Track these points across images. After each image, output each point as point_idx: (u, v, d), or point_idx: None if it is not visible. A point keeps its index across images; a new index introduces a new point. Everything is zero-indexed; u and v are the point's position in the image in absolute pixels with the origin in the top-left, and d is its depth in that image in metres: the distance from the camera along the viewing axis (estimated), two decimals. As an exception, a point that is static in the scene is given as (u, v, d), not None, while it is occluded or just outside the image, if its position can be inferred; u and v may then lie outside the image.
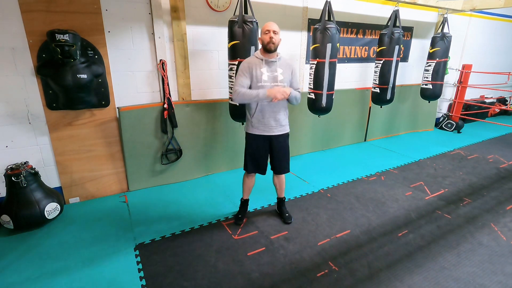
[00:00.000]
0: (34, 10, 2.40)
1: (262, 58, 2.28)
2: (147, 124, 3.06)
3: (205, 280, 1.98)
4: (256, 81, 2.27)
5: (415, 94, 5.01)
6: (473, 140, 5.09)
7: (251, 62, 2.29)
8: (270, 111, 2.32)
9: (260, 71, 2.26)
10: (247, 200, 2.72)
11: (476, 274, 2.05)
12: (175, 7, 2.96)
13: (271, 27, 2.22)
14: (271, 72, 2.28)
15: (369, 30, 4.44)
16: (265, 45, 2.24)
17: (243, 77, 2.27)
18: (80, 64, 2.51)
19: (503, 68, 6.63)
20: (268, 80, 2.27)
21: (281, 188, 2.67)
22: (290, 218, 2.65)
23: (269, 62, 2.28)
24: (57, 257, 2.20)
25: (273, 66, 2.29)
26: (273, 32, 2.21)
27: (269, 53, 2.27)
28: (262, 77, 2.26)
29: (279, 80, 2.29)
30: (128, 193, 3.14)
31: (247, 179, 2.62)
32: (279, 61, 2.31)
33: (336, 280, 1.99)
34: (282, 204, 2.73)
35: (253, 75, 2.27)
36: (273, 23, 2.25)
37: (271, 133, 2.38)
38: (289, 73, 2.35)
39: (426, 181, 3.49)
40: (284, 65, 2.33)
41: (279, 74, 2.29)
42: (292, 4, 3.69)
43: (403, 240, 2.41)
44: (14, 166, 2.48)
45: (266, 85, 2.26)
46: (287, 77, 2.33)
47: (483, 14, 5.75)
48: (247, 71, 2.27)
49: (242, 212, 2.68)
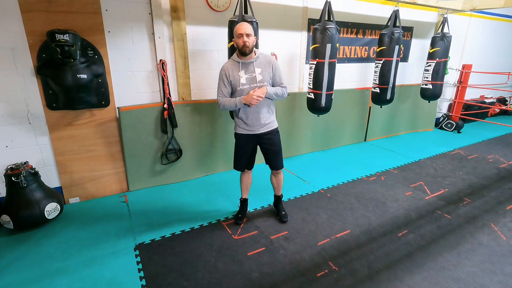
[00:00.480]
0: (34, 10, 2.41)
1: (239, 61, 2.28)
2: (147, 124, 3.06)
3: (205, 280, 1.98)
4: (235, 86, 2.28)
5: (415, 94, 5.01)
6: (473, 140, 5.09)
7: (228, 68, 2.29)
8: (253, 111, 2.33)
9: (238, 75, 2.26)
10: (246, 199, 2.72)
11: (476, 274, 2.05)
12: (175, 7, 2.96)
13: (244, 30, 2.16)
14: (249, 73, 2.27)
15: (369, 30, 4.44)
16: (240, 49, 2.23)
17: (222, 85, 2.31)
18: (80, 64, 2.51)
19: (503, 68, 6.63)
20: (247, 83, 2.27)
21: (278, 186, 2.68)
22: (286, 217, 2.66)
23: (246, 64, 2.27)
24: (57, 257, 2.20)
25: (250, 67, 2.27)
26: (246, 36, 2.17)
27: (245, 56, 2.26)
28: (240, 80, 2.26)
29: (258, 80, 2.27)
30: (128, 193, 3.14)
31: (243, 176, 2.64)
32: (257, 61, 2.29)
33: (336, 280, 1.99)
34: (279, 202, 2.74)
35: (231, 80, 2.28)
36: (245, 25, 2.19)
37: (256, 132, 2.40)
38: (269, 71, 2.32)
39: (426, 181, 3.49)
40: (263, 64, 2.30)
41: (257, 75, 2.28)
42: (292, 4, 3.69)
43: (403, 240, 2.41)
44: (14, 166, 2.48)
45: (246, 88, 2.27)
46: (266, 76, 2.30)
47: (483, 14, 5.75)
48: (225, 77, 2.29)
49: (242, 212, 2.68)
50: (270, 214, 2.76)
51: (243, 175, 2.63)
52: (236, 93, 2.30)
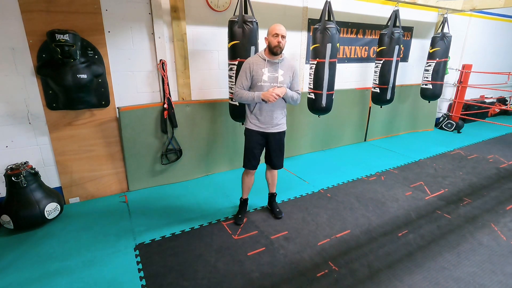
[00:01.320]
0: (34, 10, 2.40)
1: (265, 58, 2.32)
2: (147, 124, 3.06)
3: (205, 280, 1.98)
4: (256, 81, 2.33)
5: (415, 94, 5.01)
6: (473, 140, 5.09)
7: (253, 62, 2.34)
8: (268, 109, 2.38)
9: (261, 71, 2.31)
10: (246, 199, 2.73)
11: (476, 274, 2.05)
12: (175, 7, 2.96)
13: (281, 31, 2.25)
14: (272, 72, 2.33)
15: (369, 30, 4.44)
16: (271, 48, 2.28)
17: (243, 78, 2.35)
18: (80, 64, 2.51)
19: (503, 68, 6.63)
20: (268, 81, 2.32)
21: (273, 183, 2.73)
22: (280, 213, 2.71)
23: (272, 62, 2.33)
24: (57, 257, 2.19)
25: (275, 67, 2.33)
26: (281, 37, 2.24)
27: (274, 55, 2.31)
28: (262, 77, 2.31)
29: (279, 81, 2.33)
30: (128, 193, 3.14)
31: (246, 177, 2.64)
32: (282, 62, 2.35)
33: (336, 280, 1.99)
34: (273, 200, 2.79)
35: (253, 74, 2.33)
36: (282, 27, 2.27)
37: (267, 130, 2.45)
38: (290, 75, 2.40)
39: (426, 181, 3.49)
40: (286, 67, 2.37)
41: (280, 76, 2.34)
42: (292, 4, 3.69)
43: (403, 240, 2.41)
44: (14, 166, 2.48)
45: (266, 85, 2.32)
46: (287, 79, 2.38)
47: (483, 14, 5.75)
48: (248, 71, 2.33)
49: (242, 212, 2.69)
50: (270, 214, 2.76)
51: (245, 175, 2.64)
52: (256, 88, 2.35)
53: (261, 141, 2.50)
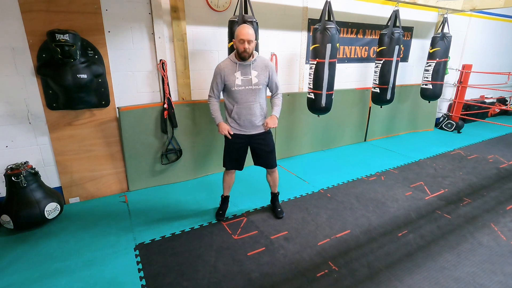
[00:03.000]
0: (34, 10, 2.40)
1: (236, 62, 2.29)
2: (147, 124, 3.06)
3: (205, 280, 1.98)
4: (230, 86, 2.30)
5: (415, 94, 5.01)
6: (473, 140, 5.09)
7: (224, 67, 2.31)
8: (246, 113, 2.36)
9: (233, 76, 2.28)
10: (227, 197, 2.76)
11: (476, 274, 2.05)
12: (175, 7, 2.96)
13: (246, 36, 2.17)
14: (245, 75, 2.29)
15: (369, 30, 4.44)
16: (239, 54, 2.25)
17: (214, 84, 2.37)
18: (80, 64, 2.51)
19: (503, 68, 6.63)
20: (242, 84, 2.29)
21: (274, 184, 2.72)
22: (281, 213, 2.71)
23: (243, 65, 2.29)
24: (57, 257, 2.19)
25: (247, 69, 2.29)
26: (247, 42, 2.18)
27: (243, 60, 2.28)
28: (235, 81, 2.28)
29: (254, 83, 2.31)
30: (128, 193, 3.14)
31: (227, 176, 2.67)
32: (254, 63, 2.31)
33: (336, 280, 1.99)
34: (275, 199, 2.79)
35: (225, 80, 2.30)
36: (248, 30, 2.18)
37: (248, 133, 2.44)
38: (266, 74, 2.36)
39: (426, 181, 3.49)
40: (260, 67, 2.33)
41: (253, 77, 2.30)
42: (292, 4, 3.69)
43: (403, 240, 2.41)
44: (14, 166, 2.48)
45: (241, 89, 2.30)
46: (262, 79, 2.34)
47: (483, 14, 5.75)
48: (219, 76, 2.32)
49: (223, 208, 2.73)
50: (270, 214, 2.76)
51: (226, 174, 2.66)
52: (231, 93, 2.33)
53: (242, 143, 2.48)
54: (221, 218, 2.66)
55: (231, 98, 2.36)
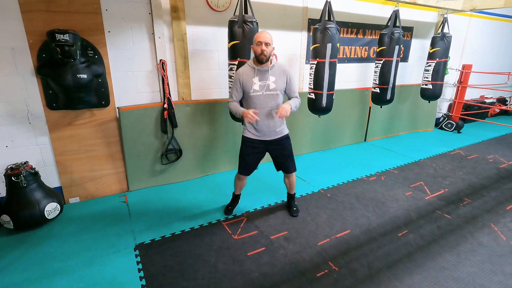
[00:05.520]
0: (34, 10, 2.40)
1: (254, 67, 2.31)
2: (147, 124, 3.06)
3: (205, 280, 1.98)
4: (247, 91, 2.32)
5: (415, 94, 5.01)
6: (473, 140, 5.09)
7: (243, 73, 2.33)
8: (264, 118, 2.36)
9: (251, 81, 2.30)
10: (238, 195, 2.81)
11: (476, 274, 2.05)
12: (175, 7, 2.96)
13: (264, 39, 2.21)
14: (263, 81, 2.30)
15: (369, 30, 4.44)
16: (256, 57, 2.26)
17: (234, 90, 2.37)
18: (80, 64, 2.51)
19: (503, 68, 6.63)
20: (260, 89, 2.30)
21: (291, 187, 2.76)
22: (297, 212, 2.75)
23: (261, 71, 2.30)
24: (57, 257, 2.19)
25: (265, 75, 2.30)
26: (265, 45, 2.20)
27: (260, 63, 2.29)
28: (253, 86, 2.29)
29: (271, 88, 2.32)
30: (128, 193, 3.14)
31: (238, 180, 2.70)
32: (272, 69, 2.32)
33: (336, 280, 1.99)
34: (291, 199, 2.83)
35: (244, 85, 2.32)
36: (266, 34, 2.23)
37: (266, 138, 2.44)
38: (283, 80, 2.36)
39: (426, 181, 3.49)
40: (277, 73, 2.34)
41: (271, 83, 2.31)
42: (292, 4, 3.69)
43: (403, 240, 2.41)
44: (14, 166, 2.48)
45: (258, 94, 2.31)
46: (280, 85, 2.35)
47: (483, 14, 5.75)
48: (238, 82, 2.34)
49: (232, 205, 2.78)
50: (270, 214, 2.76)
51: (237, 178, 2.68)
52: (249, 98, 2.34)
53: (260, 149, 2.48)
54: (228, 214, 2.73)
55: (249, 104, 2.37)
